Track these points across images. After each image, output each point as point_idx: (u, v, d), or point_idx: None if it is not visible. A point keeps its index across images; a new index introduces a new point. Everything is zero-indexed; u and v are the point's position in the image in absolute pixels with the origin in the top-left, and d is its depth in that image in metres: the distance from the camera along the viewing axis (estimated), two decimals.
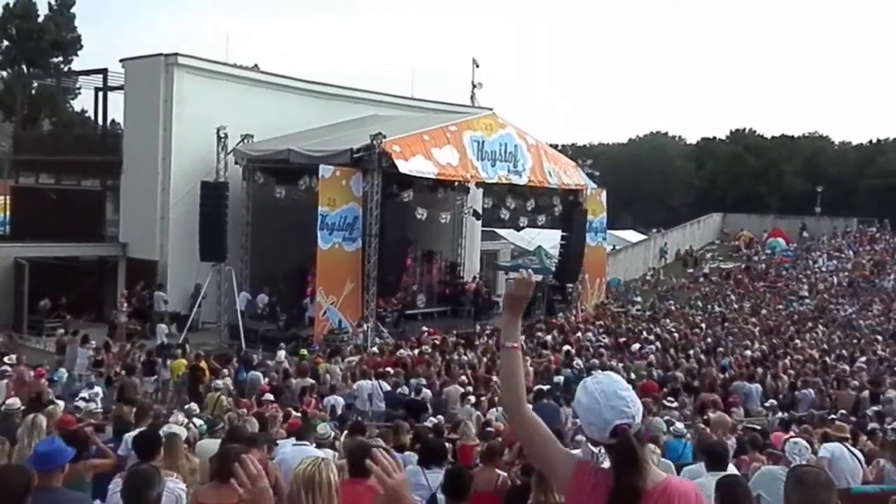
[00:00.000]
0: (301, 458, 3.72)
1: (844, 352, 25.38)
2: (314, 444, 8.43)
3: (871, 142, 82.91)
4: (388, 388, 16.43)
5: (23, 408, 9.95)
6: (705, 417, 12.78)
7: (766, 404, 17.00)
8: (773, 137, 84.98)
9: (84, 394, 12.80)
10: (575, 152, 60.15)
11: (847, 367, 21.60)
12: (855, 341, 28.87)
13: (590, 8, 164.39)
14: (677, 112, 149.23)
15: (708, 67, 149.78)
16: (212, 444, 8.17)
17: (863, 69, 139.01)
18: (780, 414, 15.87)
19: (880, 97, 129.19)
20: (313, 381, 16.70)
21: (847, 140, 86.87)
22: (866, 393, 18.00)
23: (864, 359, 23.76)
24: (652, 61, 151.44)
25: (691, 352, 22.83)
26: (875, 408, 16.43)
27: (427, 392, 16.21)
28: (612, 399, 2.89)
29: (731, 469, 6.99)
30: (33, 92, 44.18)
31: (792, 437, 9.13)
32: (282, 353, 20.30)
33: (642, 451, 2.92)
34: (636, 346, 23.87)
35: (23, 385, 14.78)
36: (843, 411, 15.63)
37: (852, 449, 9.00)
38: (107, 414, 11.37)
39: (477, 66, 38.87)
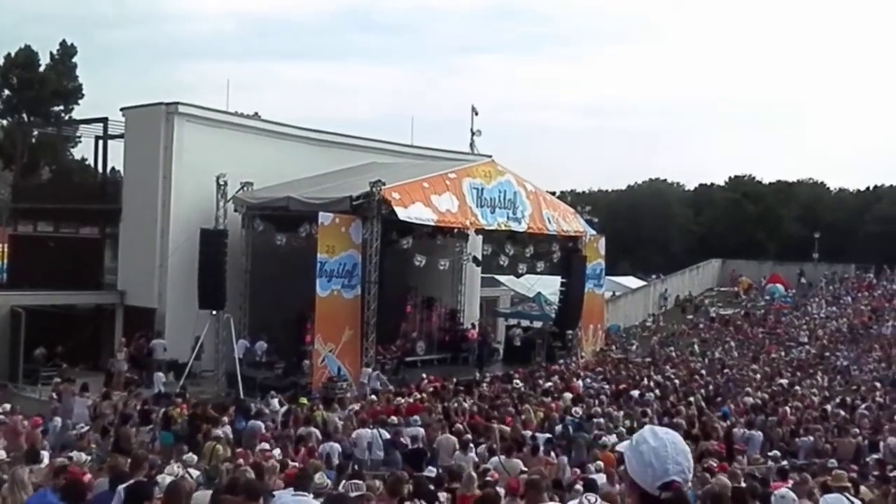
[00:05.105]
0: None
1: (847, 399, 25.25)
2: (312, 494, 8.32)
3: (868, 188, 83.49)
4: (388, 436, 16.29)
5: (8, 459, 9.88)
6: (705, 465, 12.66)
7: (770, 453, 16.88)
8: (770, 184, 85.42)
9: None
10: (574, 199, 60.49)
11: (847, 415, 21.47)
12: (855, 388, 28.74)
13: (589, 55, 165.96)
14: (676, 159, 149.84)
15: (706, 114, 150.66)
16: (207, 496, 8.10)
17: (859, 116, 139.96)
18: (783, 462, 15.75)
19: (877, 144, 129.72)
20: (312, 430, 16.53)
21: (844, 186, 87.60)
22: (867, 441, 17.90)
23: (864, 406, 23.63)
24: (650, 108, 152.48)
25: (692, 398, 22.69)
26: (875, 455, 16.34)
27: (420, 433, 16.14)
28: (679, 454, 2.87)
29: None
30: (33, 140, 44.35)
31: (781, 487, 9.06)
32: (275, 402, 20.11)
33: None
34: (636, 392, 23.74)
35: (16, 435, 14.66)
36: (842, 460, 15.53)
37: (853, 499, 8.93)
38: (102, 464, 11.28)
39: (476, 114, 39.12)
